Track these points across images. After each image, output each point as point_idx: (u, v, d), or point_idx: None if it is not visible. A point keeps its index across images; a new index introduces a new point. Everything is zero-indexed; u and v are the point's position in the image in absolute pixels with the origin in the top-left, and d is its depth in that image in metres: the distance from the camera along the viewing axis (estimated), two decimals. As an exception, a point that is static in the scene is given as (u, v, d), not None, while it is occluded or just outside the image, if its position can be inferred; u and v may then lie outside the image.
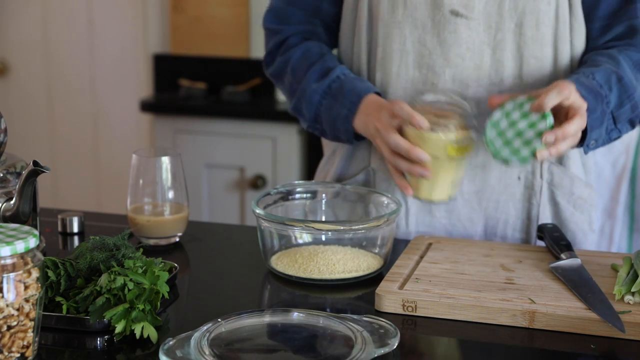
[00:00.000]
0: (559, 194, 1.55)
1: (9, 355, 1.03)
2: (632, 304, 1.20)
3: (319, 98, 1.55)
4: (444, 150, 1.38)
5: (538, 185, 1.54)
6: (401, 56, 1.53)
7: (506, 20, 1.48)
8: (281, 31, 1.63)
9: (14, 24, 3.52)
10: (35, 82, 3.55)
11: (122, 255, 1.23)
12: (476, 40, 1.49)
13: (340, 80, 1.54)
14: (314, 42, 1.62)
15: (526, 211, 1.55)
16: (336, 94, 1.53)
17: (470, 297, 1.23)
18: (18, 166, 1.31)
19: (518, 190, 1.55)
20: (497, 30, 1.49)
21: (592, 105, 1.40)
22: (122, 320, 1.12)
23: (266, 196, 1.46)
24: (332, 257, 1.36)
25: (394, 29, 1.52)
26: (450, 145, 1.38)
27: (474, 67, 1.50)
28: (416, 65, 1.52)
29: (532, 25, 1.48)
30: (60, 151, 3.59)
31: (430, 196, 1.43)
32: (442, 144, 1.38)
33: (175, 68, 3.28)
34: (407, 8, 1.51)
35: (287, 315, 1.16)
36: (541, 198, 1.54)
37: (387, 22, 1.52)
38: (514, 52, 1.50)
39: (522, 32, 1.49)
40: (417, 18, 1.51)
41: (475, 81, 1.51)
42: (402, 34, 1.52)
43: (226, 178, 3.14)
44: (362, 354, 1.05)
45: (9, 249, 1.00)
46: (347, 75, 1.55)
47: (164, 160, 1.50)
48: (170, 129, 3.16)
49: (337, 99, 1.53)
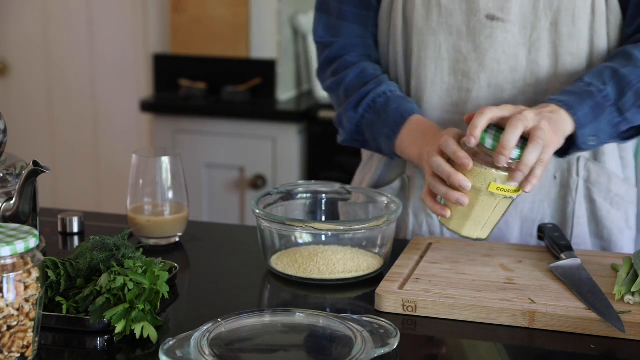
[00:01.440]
0: (595, 192, 1.54)
1: (9, 355, 1.03)
2: (632, 304, 1.20)
3: (362, 111, 1.55)
4: (486, 185, 1.30)
5: (574, 183, 1.53)
6: (436, 63, 1.52)
7: (541, 19, 1.47)
8: (332, 44, 1.62)
9: (14, 24, 3.52)
10: (35, 82, 3.55)
11: (122, 255, 1.23)
12: (512, 43, 1.48)
13: (386, 97, 1.52)
14: (370, 63, 1.60)
15: (561, 210, 1.54)
16: (380, 111, 1.52)
17: (470, 297, 1.23)
18: (18, 166, 1.31)
19: (554, 189, 1.54)
20: (533, 30, 1.48)
21: (575, 102, 1.38)
22: (122, 320, 1.12)
23: (266, 196, 1.46)
24: (332, 257, 1.36)
25: (428, 36, 1.52)
26: (495, 181, 1.30)
27: (509, 69, 1.49)
28: (451, 72, 1.52)
29: (568, 22, 1.47)
30: (60, 151, 3.59)
31: (459, 229, 1.35)
32: (487, 177, 1.30)
33: (175, 68, 3.28)
34: (441, 15, 1.50)
35: (287, 315, 1.16)
36: (577, 196, 1.53)
37: (422, 29, 1.52)
38: (549, 51, 1.48)
39: (558, 30, 1.47)
40: (452, 25, 1.50)
41: (511, 84, 1.49)
42: (437, 41, 1.51)
43: (226, 178, 3.14)
44: (362, 354, 1.05)
45: (9, 249, 1.00)
46: (393, 93, 1.53)
47: (164, 160, 1.50)
48: (170, 129, 3.16)
49: (380, 116, 1.52)
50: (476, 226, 1.34)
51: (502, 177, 1.30)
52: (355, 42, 1.61)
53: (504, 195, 1.31)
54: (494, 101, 1.50)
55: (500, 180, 1.30)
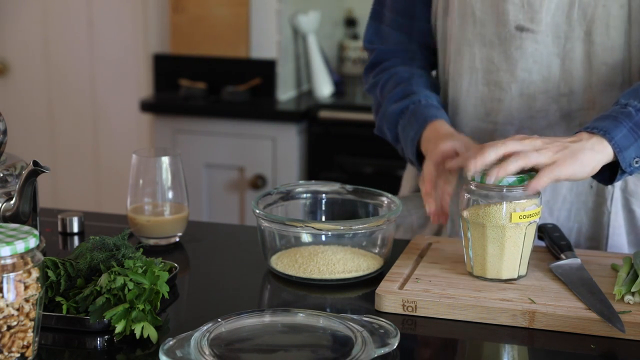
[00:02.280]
0: (634, 202, 1.52)
1: (9, 355, 1.03)
2: (632, 304, 1.20)
3: (397, 117, 1.56)
4: (508, 218, 1.26)
5: (609, 193, 1.52)
6: (471, 73, 1.53)
7: (575, 29, 1.46)
8: (376, 50, 1.68)
9: (14, 24, 3.52)
10: (35, 82, 3.55)
11: (122, 255, 1.23)
12: (544, 52, 1.47)
13: (420, 104, 1.54)
14: (407, 67, 1.63)
15: (597, 219, 1.53)
16: (410, 116, 1.54)
17: (470, 297, 1.23)
18: (18, 166, 1.31)
19: (590, 198, 1.53)
20: (566, 40, 1.46)
21: (611, 126, 1.33)
22: (122, 320, 1.12)
23: (266, 196, 1.46)
24: (332, 257, 1.36)
25: (464, 47, 1.53)
26: (514, 211, 1.26)
27: (542, 79, 1.49)
28: (485, 82, 1.53)
29: (603, 32, 1.45)
30: (60, 151, 3.59)
31: (498, 274, 1.29)
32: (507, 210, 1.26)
33: (175, 68, 3.28)
34: (475, 26, 1.51)
35: (287, 315, 1.16)
36: (612, 206, 1.52)
37: (458, 39, 1.54)
38: (583, 61, 1.47)
39: (592, 40, 1.45)
40: (485, 35, 1.51)
41: (544, 93, 1.49)
42: (472, 51, 1.52)
43: (226, 178, 3.14)
44: (362, 354, 1.05)
45: (9, 249, 1.00)
46: (427, 101, 1.54)
47: (164, 160, 1.50)
48: (170, 129, 3.16)
49: (410, 121, 1.53)
50: (514, 264, 1.30)
51: (520, 204, 1.26)
52: (399, 49, 1.66)
53: (528, 221, 1.28)
54: (526, 110, 1.50)
55: (520, 208, 1.26)
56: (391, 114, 1.58)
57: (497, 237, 1.27)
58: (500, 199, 1.26)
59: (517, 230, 1.27)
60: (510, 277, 1.29)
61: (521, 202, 1.26)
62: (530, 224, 1.28)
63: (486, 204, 1.27)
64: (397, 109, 1.56)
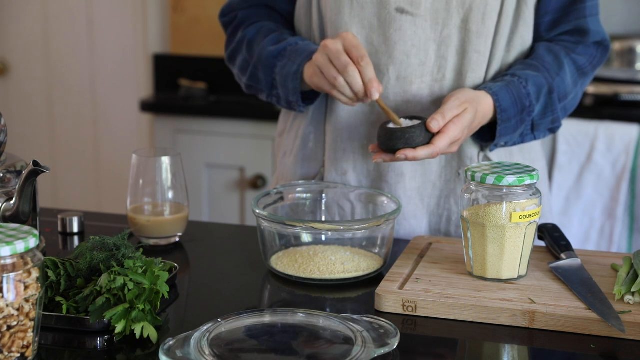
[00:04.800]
0: None
1: (9, 355, 1.03)
2: (632, 304, 1.20)
3: (274, 60, 1.54)
4: (509, 218, 1.26)
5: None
6: None
7: (453, 16, 1.49)
8: (235, 17, 1.64)
9: (14, 24, 3.52)
10: (35, 82, 3.55)
11: (122, 255, 1.23)
12: (422, 37, 1.50)
13: (298, 45, 1.53)
14: (269, 22, 1.62)
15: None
16: (291, 54, 1.53)
17: (470, 297, 1.23)
18: (18, 166, 1.31)
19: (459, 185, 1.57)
20: (444, 26, 1.50)
21: (510, 115, 1.46)
22: (122, 320, 1.12)
23: (266, 196, 1.46)
24: (332, 257, 1.36)
25: (341, 29, 1.52)
26: (514, 211, 1.26)
27: (418, 63, 1.51)
28: None
29: (479, 20, 1.49)
30: (60, 151, 3.59)
31: (498, 274, 1.29)
32: (507, 210, 1.26)
33: (175, 68, 3.28)
34: (353, 8, 1.51)
35: (287, 315, 1.16)
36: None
37: (335, 22, 1.53)
38: (458, 48, 1.51)
39: (468, 28, 1.50)
40: (364, 18, 1.51)
41: (419, 78, 1.51)
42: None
43: (226, 178, 3.14)
44: (362, 354, 1.05)
45: (9, 249, 1.00)
46: (305, 41, 1.55)
47: (164, 160, 1.51)
48: (170, 129, 3.16)
49: (290, 58, 1.52)
50: (514, 264, 1.29)
51: (520, 204, 1.26)
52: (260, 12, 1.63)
53: (528, 221, 1.28)
54: (401, 94, 1.52)
55: (520, 208, 1.27)
56: (267, 57, 1.55)
57: (497, 237, 1.28)
58: (500, 199, 1.27)
59: (517, 230, 1.28)
60: (510, 277, 1.29)
61: (521, 202, 1.27)
62: (530, 224, 1.28)
63: (486, 204, 1.27)
64: (274, 51, 1.54)
